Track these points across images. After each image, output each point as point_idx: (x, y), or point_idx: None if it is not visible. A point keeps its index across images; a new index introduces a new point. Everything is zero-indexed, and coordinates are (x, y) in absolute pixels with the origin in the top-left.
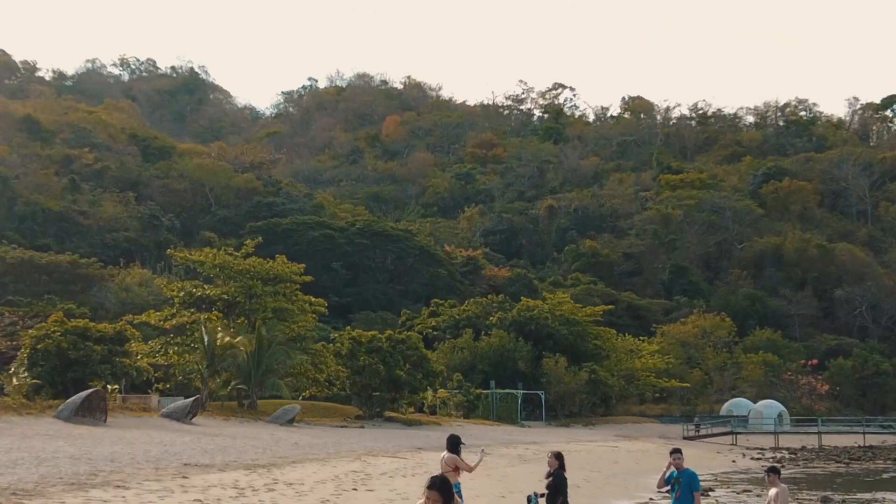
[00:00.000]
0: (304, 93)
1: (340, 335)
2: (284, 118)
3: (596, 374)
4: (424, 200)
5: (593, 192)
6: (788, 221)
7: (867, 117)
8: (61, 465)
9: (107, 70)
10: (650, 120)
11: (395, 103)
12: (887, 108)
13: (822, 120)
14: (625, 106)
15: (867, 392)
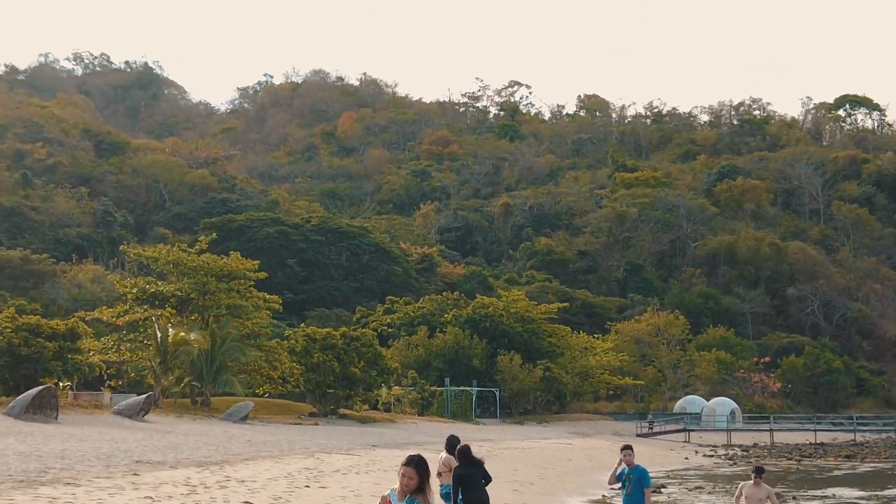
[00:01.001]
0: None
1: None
2: (239, 114)
3: (550, 372)
4: (380, 197)
5: (549, 190)
6: (742, 220)
7: (820, 117)
8: (10, 463)
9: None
10: (605, 118)
11: (350, 100)
12: (840, 108)
13: (776, 119)
14: (580, 104)
15: (819, 390)
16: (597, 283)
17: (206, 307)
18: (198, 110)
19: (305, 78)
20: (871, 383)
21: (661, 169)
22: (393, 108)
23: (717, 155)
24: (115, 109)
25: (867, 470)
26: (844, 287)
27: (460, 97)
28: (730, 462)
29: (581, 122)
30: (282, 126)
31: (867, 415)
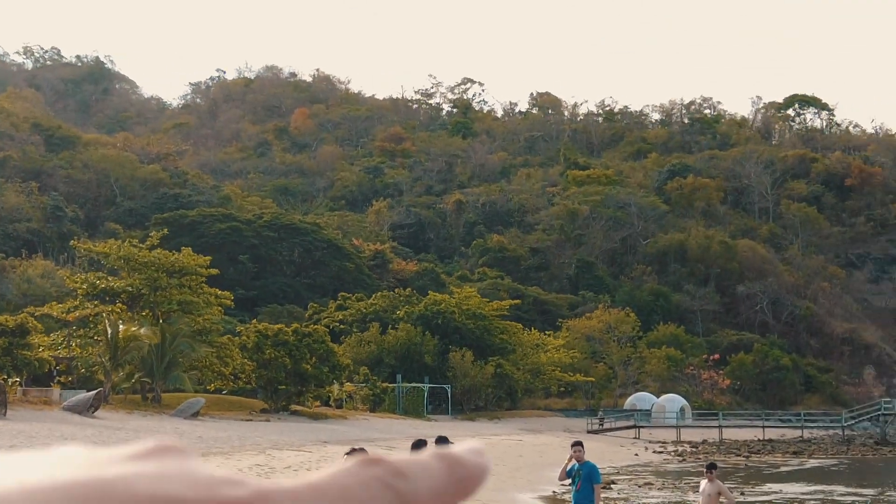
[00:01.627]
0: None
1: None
2: (192, 109)
3: (502, 368)
4: (332, 194)
5: (501, 187)
6: (692, 218)
7: (770, 116)
8: None
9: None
10: (558, 116)
11: (303, 96)
12: (789, 108)
13: (726, 118)
14: (533, 102)
15: (767, 386)
16: (548, 280)
17: (157, 303)
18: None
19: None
20: (819, 380)
21: (613, 167)
22: (346, 105)
23: (668, 153)
24: (66, 104)
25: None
26: (793, 285)
27: (413, 94)
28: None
29: (533, 119)
30: (234, 122)
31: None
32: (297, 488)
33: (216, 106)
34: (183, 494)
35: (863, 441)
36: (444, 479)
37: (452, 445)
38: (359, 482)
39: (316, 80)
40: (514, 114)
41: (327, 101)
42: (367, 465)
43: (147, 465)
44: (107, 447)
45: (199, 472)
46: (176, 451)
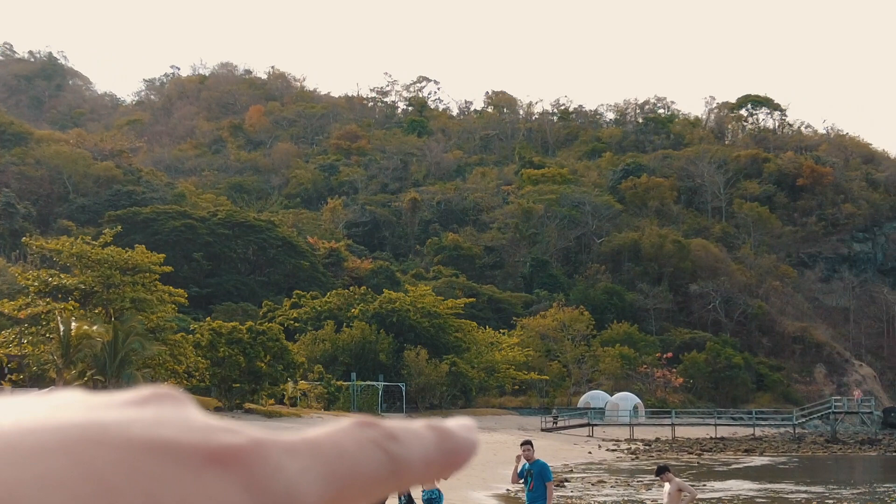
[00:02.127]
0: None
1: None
2: (146, 106)
3: (456, 367)
4: (287, 191)
5: (456, 186)
6: (646, 217)
7: (723, 116)
8: None
9: None
10: (513, 115)
11: (258, 93)
12: (742, 108)
13: (680, 118)
14: (488, 100)
15: (719, 385)
16: (503, 278)
17: (109, 300)
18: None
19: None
20: (771, 379)
21: (568, 166)
22: (301, 102)
23: (623, 152)
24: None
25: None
26: (745, 284)
27: (369, 92)
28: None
29: (489, 118)
30: (188, 118)
31: (766, 409)
32: (292, 442)
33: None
34: (179, 439)
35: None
36: (434, 449)
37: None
38: (353, 441)
39: (271, 77)
40: (469, 112)
41: (282, 98)
42: (362, 426)
43: (144, 410)
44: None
45: (196, 418)
46: (172, 398)
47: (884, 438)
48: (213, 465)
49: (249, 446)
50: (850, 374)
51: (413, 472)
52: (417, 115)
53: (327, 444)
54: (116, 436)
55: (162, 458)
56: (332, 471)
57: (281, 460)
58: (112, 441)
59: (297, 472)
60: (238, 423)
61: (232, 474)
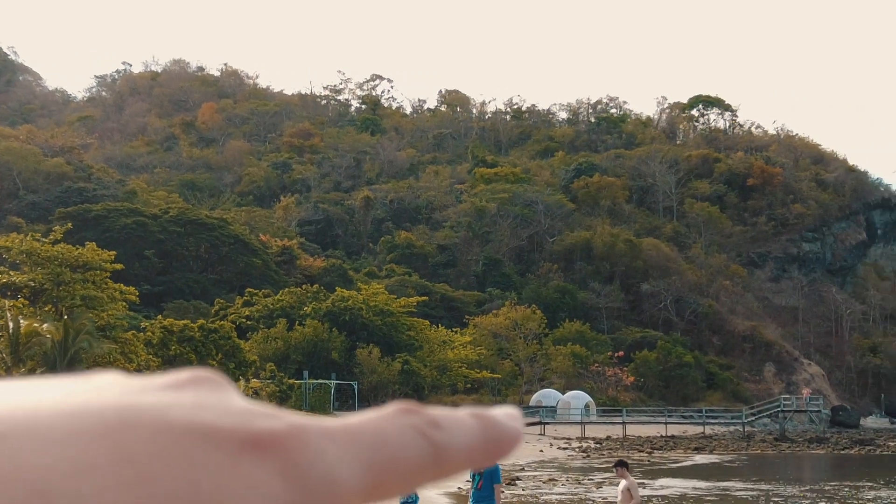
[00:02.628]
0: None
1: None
2: (97, 102)
3: (409, 365)
4: (240, 189)
5: (409, 184)
6: (598, 216)
7: (674, 116)
8: None
9: None
10: (466, 114)
11: (211, 90)
12: (693, 108)
13: (632, 118)
14: (441, 99)
15: (670, 383)
16: (456, 277)
17: (59, 298)
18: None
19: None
20: (721, 377)
21: (520, 165)
22: (254, 100)
23: (575, 152)
24: None
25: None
26: (696, 283)
27: (322, 90)
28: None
29: (442, 116)
30: (140, 115)
31: (716, 408)
32: (332, 427)
33: (122, 99)
34: (218, 424)
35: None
36: (477, 437)
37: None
38: (395, 428)
39: (224, 74)
40: (422, 111)
41: (235, 95)
42: (404, 412)
43: (182, 394)
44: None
45: (235, 403)
46: (212, 382)
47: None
48: (251, 450)
49: (289, 432)
50: (799, 373)
51: (456, 460)
52: (371, 114)
53: (368, 431)
54: (154, 420)
55: (200, 444)
56: (372, 458)
57: (321, 446)
58: (150, 425)
59: (336, 459)
60: (277, 409)
61: (270, 460)
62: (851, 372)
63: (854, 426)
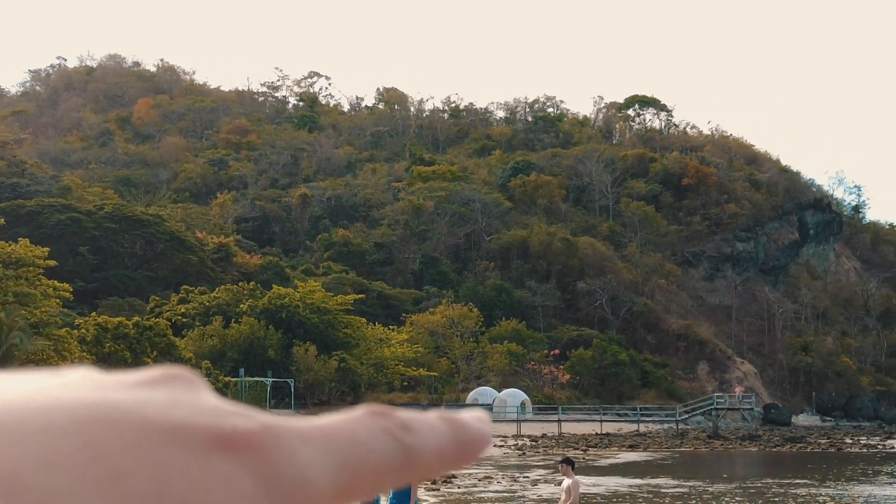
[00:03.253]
0: (52, 72)
1: (86, 321)
2: (31, 97)
3: (345, 363)
4: (176, 185)
5: (347, 182)
6: (535, 215)
7: (611, 116)
8: None
9: None
10: (404, 111)
11: (147, 86)
12: (629, 108)
13: (569, 117)
14: (379, 97)
15: (605, 381)
16: (393, 275)
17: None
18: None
19: (100, 62)
20: (655, 375)
21: (458, 163)
22: (190, 96)
23: (512, 150)
24: None
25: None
26: (631, 282)
27: (259, 86)
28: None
29: (380, 114)
30: (75, 110)
31: (650, 406)
32: (304, 428)
33: (56, 94)
34: (190, 422)
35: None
36: (447, 440)
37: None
38: (366, 430)
39: (160, 70)
40: (360, 108)
41: (171, 91)
42: (375, 415)
43: (155, 391)
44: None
45: (208, 401)
46: (185, 380)
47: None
48: (224, 450)
49: (262, 432)
50: (732, 371)
51: (426, 463)
52: (308, 111)
53: (340, 433)
54: (126, 417)
55: (172, 442)
56: (344, 459)
57: (293, 447)
58: (121, 422)
59: (308, 460)
60: (250, 408)
61: (243, 460)
62: (783, 370)
63: (785, 424)
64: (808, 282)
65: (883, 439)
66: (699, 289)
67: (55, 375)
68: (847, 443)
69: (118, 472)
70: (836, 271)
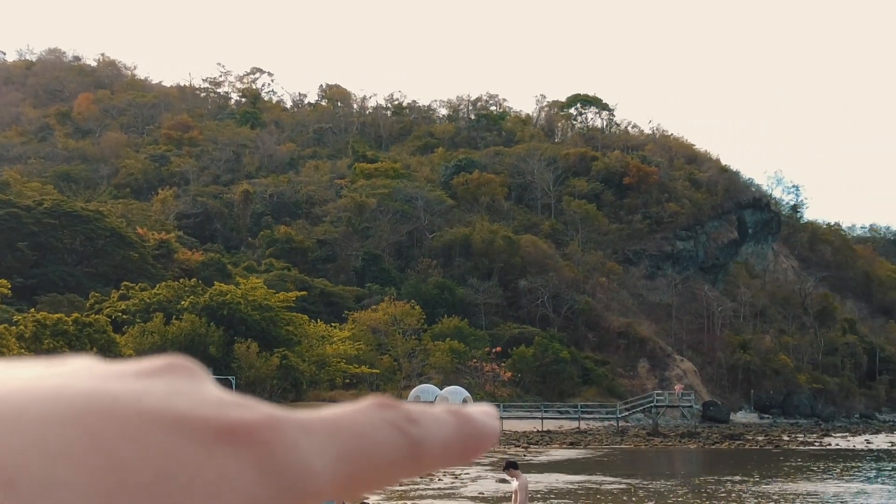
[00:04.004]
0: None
1: (24, 318)
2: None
3: (287, 360)
4: (117, 181)
5: (289, 179)
6: (477, 213)
7: (553, 114)
8: None
9: None
10: (347, 108)
11: (87, 80)
12: (571, 107)
13: (512, 115)
14: (322, 93)
15: (547, 379)
16: (335, 272)
17: None
18: None
19: (40, 56)
20: (596, 373)
21: (401, 160)
22: (132, 91)
23: (455, 148)
24: None
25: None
26: (573, 280)
27: (201, 82)
28: None
29: (322, 111)
30: (14, 105)
31: (591, 403)
32: (308, 419)
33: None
34: (192, 413)
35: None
36: (454, 434)
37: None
38: (371, 422)
39: (101, 64)
40: (303, 105)
41: (112, 86)
42: (381, 407)
43: (156, 381)
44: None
45: (209, 391)
46: (186, 370)
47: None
48: (226, 440)
49: (264, 422)
50: (672, 369)
51: (432, 456)
52: (251, 107)
53: (344, 424)
54: (126, 407)
55: (173, 433)
56: (347, 451)
57: (296, 438)
58: (122, 412)
59: (311, 452)
60: (253, 399)
61: (245, 451)
62: (722, 368)
63: (724, 421)
64: (747, 280)
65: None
66: (640, 287)
67: (55, 364)
68: (784, 440)
69: (119, 462)
70: (775, 270)
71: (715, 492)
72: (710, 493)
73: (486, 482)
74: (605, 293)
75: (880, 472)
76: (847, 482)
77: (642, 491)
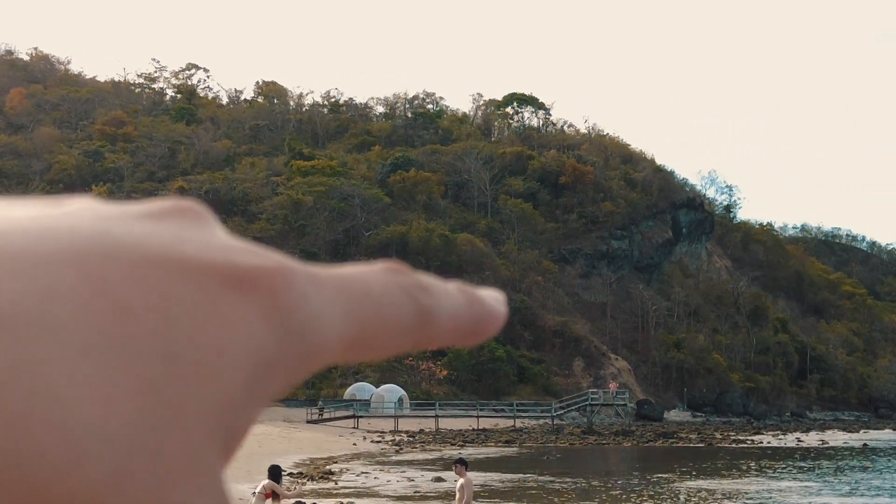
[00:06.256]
0: None
1: None
2: None
3: None
4: (50, 177)
5: (225, 175)
6: (414, 211)
7: (490, 113)
8: None
9: None
10: (283, 105)
11: (20, 75)
12: (508, 106)
13: (448, 114)
14: (258, 90)
15: (482, 377)
16: None
17: None
18: None
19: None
20: (532, 371)
21: (337, 158)
22: (65, 86)
23: (392, 146)
24: None
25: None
26: (509, 279)
27: (136, 78)
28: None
29: (259, 108)
30: None
31: (527, 402)
32: (319, 274)
33: None
34: (198, 258)
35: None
36: (463, 310)
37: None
38: (383, 284)
39: (34, 59)
40: (239, 102)
41: (45, 81)
42: (393, 271)
43: (162, 224)
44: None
45: (219, 237)
46: (194, 213)
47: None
48: (233, 288)
49: (275, 270)
50: (607, 368)
51: (440, 327)
52: (186, 103)
53: (355, 283)
54: (131, 250)
55: (180, 278)
56: (357, 309)
57: (306, 290)
58: (126, 256)
59: (321, 306)
60: (263, 247)
61: (253, 300)
62: (656, 366)
63: (658, 419)
64: (681, 280)
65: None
66: (575, 286)
67: (55, 204)
68: (717, 438)
69: (122, 306)
70: (708, 270)
71: (647, 489)
72: (643, 491)
73: (423, 481)
74: (541, 292)
75: (809, 469)
76: (777, 480)
77: (576, 489)
